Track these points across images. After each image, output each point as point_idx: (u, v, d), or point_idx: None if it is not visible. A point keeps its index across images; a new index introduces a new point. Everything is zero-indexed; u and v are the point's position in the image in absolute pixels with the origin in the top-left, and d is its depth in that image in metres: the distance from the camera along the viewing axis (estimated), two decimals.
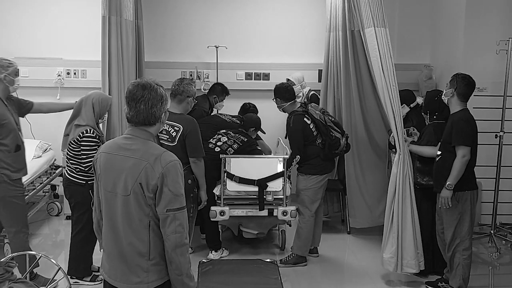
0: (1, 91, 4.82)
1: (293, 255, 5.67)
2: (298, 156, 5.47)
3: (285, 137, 5.70)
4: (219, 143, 5.79)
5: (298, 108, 5.61)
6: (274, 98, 5.70)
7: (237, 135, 5.92)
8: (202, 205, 5.35)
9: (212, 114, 6.66)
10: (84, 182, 4.85)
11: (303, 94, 6.84)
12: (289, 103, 5.63)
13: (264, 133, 6.35)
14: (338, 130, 5.55)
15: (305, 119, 5.52)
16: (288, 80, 6.81)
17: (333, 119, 5.65)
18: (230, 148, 5.76)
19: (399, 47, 7.55)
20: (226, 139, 5.83)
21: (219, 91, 6.61)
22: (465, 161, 4.64)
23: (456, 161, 4.65)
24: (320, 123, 5.48)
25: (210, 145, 5.75)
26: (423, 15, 7.60)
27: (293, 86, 6.73)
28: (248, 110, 6.79)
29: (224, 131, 5.97)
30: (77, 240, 4.95)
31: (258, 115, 6.50)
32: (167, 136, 5.04)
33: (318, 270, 5.63)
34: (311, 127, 5.51)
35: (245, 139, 5.90)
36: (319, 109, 5.62)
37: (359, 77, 6.32)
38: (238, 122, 6.26)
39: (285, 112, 5.70)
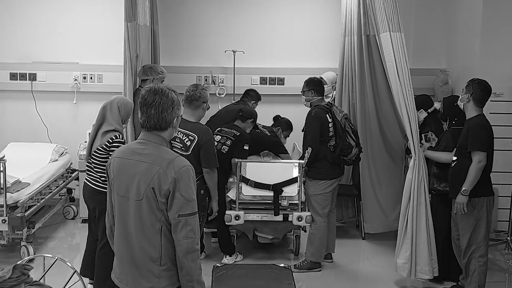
0: None
1: (307, 261, 5.65)
2: (310, 148, 5.38)
3: (302, 130, 5.62)
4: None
5: (324, 104, 5.58)
6: (303, 92, 5.63)
7: (229, 130, 5.81)
8: (213, 216, 5.32)
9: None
10: None
11: (333, 95, 6.84)
12: (319, 97, 5.58)
13: (263, 128, 6.33)
14: (354, 139, 5.51)
15: (327, 115, 5.47)
16: (321, 78, 6.82)
17: (353, 127, 5.59)
18: (224, 146, 5.67)
19: (415, 52, 7.50)
20: (220, 137, 5.75)
21: (254, 96, 6.71)
22: (481, 166, 4.61)
23: (472, 166, 4.61)
24: (340, 125, 5.46)
25: None
26: (439, 19, 7.56)
27: (325, 86, 6.76)
28: (281, 122, 6.77)
29: (218, 128, 5.85)
30: (106, 251, 4.49)
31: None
32: (181, 145, 5.02)
33: (332, 275, 5.60)
34: (329, 126, 5.46)
35: (238, 133, 5.78)
36: (342, 112, 5.59)
37: (375, 81, 6.30)
38: (267, 134, 6.26)
39: (311, 106, 5.59)
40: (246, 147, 5.80)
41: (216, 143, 5.62)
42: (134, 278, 2.87)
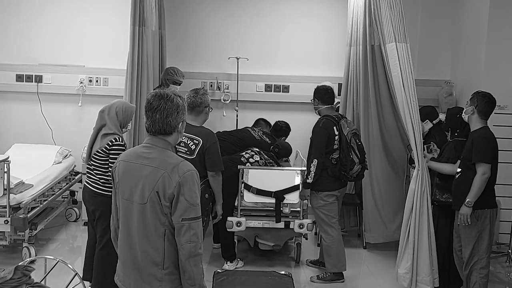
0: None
1: (329, 273, 5.56)
2: (316, 160, 5.28)
3: (310, 138, 5.54)
4: (251, 160, 5.90)
5: (334, 114, 5.50)
6: (312, 99, 5.61)
7: (269, 159, 6.07)
8: (217, 219, 5.34)
9: (243, 128, 6.75)
10: (111, 193, 4.59)
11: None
12: (326, 106, 5.52)
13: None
14: (358, 156, 5.37)
15: (334, 127, 5.39)
16: None
17: (360, 143, 5.44)
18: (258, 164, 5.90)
19: (420, 63, 7.52)
20: (259, 158, 5.96)
21: (263, 125, 7.06)
22: (485, 178, 4.61)
23: (476, 178, 4.61)
24: (345, 140, 5.34)
25: (243, 159, 5.87)
26: (444, 31, 7.57)
27: None
28: (281, 129, 6.80)
29: (258, 150, 6.08)
30: (104, 254, 4.66)
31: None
32: (186, 149, 5.04)
33: (333, 284, 5.59)
34: (335, 138, 5.37)
35: (275, 166, 6.06)
36: (352, 127, 5.43)
37: (378, 92, 6.29)
38: (268, 141, 6.31)
39: (319, 114, 5.55)
40: None
41: (253, 161, 5.92)
42: (136, 282, 2.88)
